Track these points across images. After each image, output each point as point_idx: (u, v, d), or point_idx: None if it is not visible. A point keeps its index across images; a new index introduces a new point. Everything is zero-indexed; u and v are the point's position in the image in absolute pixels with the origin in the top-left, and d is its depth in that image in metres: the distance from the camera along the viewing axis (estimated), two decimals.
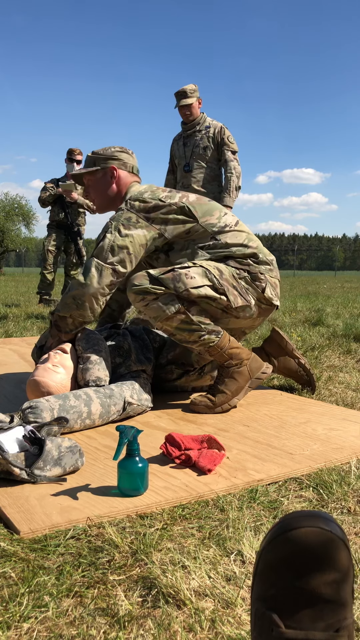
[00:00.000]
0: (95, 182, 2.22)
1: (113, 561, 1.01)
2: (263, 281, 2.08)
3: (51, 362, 1.95)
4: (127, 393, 1.89)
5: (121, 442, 1.30)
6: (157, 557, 1.03)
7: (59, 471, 1.38)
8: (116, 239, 2.01)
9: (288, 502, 1.27)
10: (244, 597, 0.91)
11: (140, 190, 2.11)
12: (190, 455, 1.47)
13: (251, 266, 2.08)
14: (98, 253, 2.01)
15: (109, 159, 2.20)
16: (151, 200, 2.06)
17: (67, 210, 5.91)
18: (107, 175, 2.20)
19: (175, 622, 0.84)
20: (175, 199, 2.08)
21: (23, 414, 1.62)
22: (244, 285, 2.05)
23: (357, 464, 1.50)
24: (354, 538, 1.12)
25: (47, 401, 1.68)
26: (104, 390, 1.85)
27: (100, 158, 2.21)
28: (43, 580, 0.95)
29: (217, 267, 2.02)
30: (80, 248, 6.03)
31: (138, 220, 2.04)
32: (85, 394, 1.79)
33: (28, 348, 3.31)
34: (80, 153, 5.95)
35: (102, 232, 2.06)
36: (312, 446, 1.63)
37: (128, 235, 2.01)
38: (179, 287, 1.94)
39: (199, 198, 2.13)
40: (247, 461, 1.51)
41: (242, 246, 2.09)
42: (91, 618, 0.86)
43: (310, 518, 0.57)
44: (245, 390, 2.07)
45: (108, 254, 2.00)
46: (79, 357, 2.00)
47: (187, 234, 2.07)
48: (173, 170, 4.60)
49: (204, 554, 1.04)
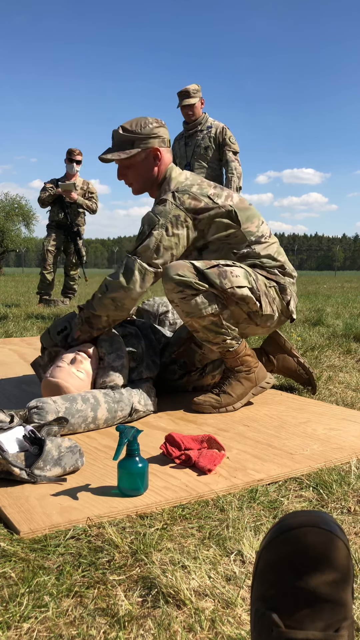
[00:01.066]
0: (135, 165, 2.04)
1: (113, 561, 1.01)
2: (288, 294, 2.06)
3: (76, 367, 1.91)
4: (136, 399, 1.88)
5: (121, 442, 1.30)
6: (157, 557, 1.03)
7: (59, 471, 1.38)
8: (163, 239, 1.93)
9: (288, 502, 1.27)
10: (244, 597, 0.91)
11: (186, 182, 2.01)
12: (190, 455, 1.47)
13: (279, 276, 2.05)
14: (143, 252, 1.92)
15: (149, 137, 2.01)
16: (201, 198, 1.97)
17: (66, 210, 5.91)
18: (149, 158, 2.03)
19: (175, 622, 0.84)
20: (222, 198, 2.00)
21: (28, 412, 1.62)
22: (273, 295, 2.02)
23: (357, 463, 1.50)
24: (354, 538, 1.12)
25: (54, 402, 1.67)
26: (114, 394, 1.83)
27: (140, 137, 2.01)
28: (43, 580, 0.95)
29: (254, 272, 1.99)
30: (80, 248, 6.03)
31: (186, 219, 1.95)
32: (94, 398, 1.77)
33: (28, 348, 3.31)
34: (80, 153, 5.95)
35: (147, 226, 1.95)
36: (312, 446, 1.63)
37: (175, 235, 1.94)
38: (226, 284, 1.89)
39: (241, 200, 2.06)
40: (247, 461, 1.51)
41: (272, 258, 2.06)
42: (91, 618, 0.86)
43: (310, 518, 0.57)
44: (249, 396, 2.08)
45: (153, 254, 1.92)
46: (101, 358, 1.97)
47: (226, 237, 2.02)
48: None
49: (204, 553, 1.04)
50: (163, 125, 2.06)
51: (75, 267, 6.23)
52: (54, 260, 5.98)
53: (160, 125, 2.05)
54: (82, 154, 5.96)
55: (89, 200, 6.03)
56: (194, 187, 1.99)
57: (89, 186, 6.08)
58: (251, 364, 2.06)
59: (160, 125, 2.05)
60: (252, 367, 2.06)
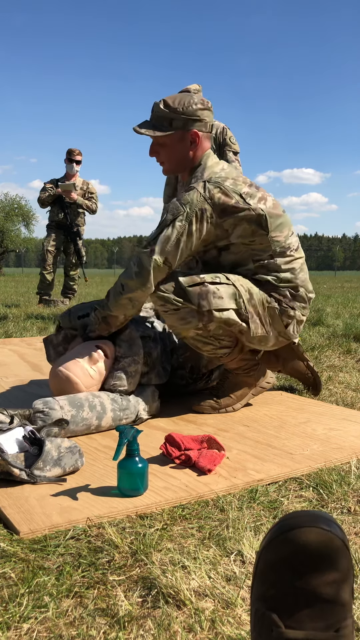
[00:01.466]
0: (170, 145, 1.92)
1: (113, 561, 1.01)
2: (291, 317, 1.95)
3: (91, 364, 1.86)
4: (142, 406, 1.85)
5: (121, 443, 1.30)
6: (157, 557, 1.02)
7: (58, 471, 1.38)
8: (185, 233, 1.81)
9: (288, 502, 1.27)
10: (244, 597, 0.91)
11: (221, 173, 1.88)
12: (190, 456, 1.47)
13: (286, 299, 1.93)
14: (162, 244, 1.81)
15: (190, 119, 1.89)
16: (233, 195, 1.84)
17: (66, 210, 5.91)
18: (186, 140, 1.91)
19: (175, 622, 0.84)
20: (255, 200, 1.87)
21: (33, 415, 1.61)
22: (269, 316, 1.92)
23: (357, 463, 1.50)
24: (354, 538, 1.12)
25: (61, 409, 1.63)
26: (121, 401, 1.80)
27: (180, 118, 1.88)
28: (43, 580, 0.95)
29: (250, 290, 1.89)
30: (79, 248, 6.03)
31: (212, 215, 1.83)
32: (101, 405, 1.73)
33: (28, 348, 3.31)
34: (80, 153, 5.94)
35: (171, 215, 1.83)
36: (312, 446, 1.63)
37: (197, 230, 1.82)
38: (203, 306, 1.81)
39: (275, 205, 1.93)
40: (247, 461, 1.51)
41: (291, 274, 1.94)
42: (91, 618, 0.86)
43: (310, 518, 0.57)
44: (248, 397, 2.07)
45: (173, 248, 1.81)
46: (116, 358, 1.92)
47: (250, 242, 1.90)
48: None
49: (204, 554, 1.04)
50: (208, 108, 1.93)
51: (75, 267, 6.23)
52: (53, 261, 5.98)
53: (205, 107, 1.91)
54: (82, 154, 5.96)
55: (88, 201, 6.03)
56: (227, 181, 1.86)
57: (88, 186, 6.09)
58: (250, 364, 2.03)
59: (205, 107, 1.91)
60: (251, 368, 2.04)
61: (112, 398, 1.79)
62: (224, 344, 1.92)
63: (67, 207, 5.92)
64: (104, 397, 1.78)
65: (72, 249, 6.10)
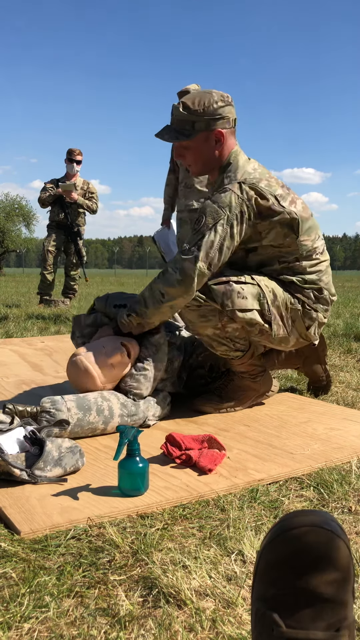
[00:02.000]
0: (195, 147, 1.88)
1: (114, 561, 1.01)
2: (313, 320, 1.94)
3: (114, 361, 1.82)
4: (151, 412, 1.83)
5: (121, 442, 1.30)
6: (157, 557, 1.02)
7: (59, 471, 1.38)
8: (226, 238, 1.78)
9: (289, 502, 1.27)
10: (245, 596, 0.91)
11: (254, 174, 1.85)
12: (191, 455, 1.47)
13: (309, 300, 1.92)
14: (206, 248, 1.76)
15: (212, 118, 1.84)
16: (269, 196, 1.82)
17: (66, 210, 5.91)
18: (211, 140, 1.87)
19: (176, 622, 0.84)
20: (287, 202, 1.86)
21: (40, 414, 1.60)
22: (291, 317, 1.91)
23: (357, 463, 1.50)
24: (354, 537, 1.12)
25: (69, 411, 1.62)
26: (130, 407, 1.77)
27: (202, 119, 1.84)
28: (44, 580, 0.95)
29: (274, 290, 1.88)
30: (80, 248, 6.03)
31: (250, 217, 1.81)
32: (109, 410, 1.71)
33: (29, 348, 3.31)
34: (80, 153, 5.94)
35: (211, 219, 1.79)
36: (312, 446, 1.63)
37: (238, 233, 1.81)
38: (227, 305, 1.81)
39: (304, 208, 1.92)
40: (247, 461, 1.51)
41: (316, 276, 1.93)
42: (92, 618, 0.86)
43: (310, 517, 0.57)
44: (250, 402, 2.06)
45: (216, 253, 1.78)
46: (139, 358, 1.89)
47: (279, 245, 1.89)
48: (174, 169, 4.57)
49: (205, 553, 1.04)
50: (229, 103, 1.87)
51: (76, 267, 6.23)
52: (54, 261, 5.98)
53: (226, 103, 1.86)
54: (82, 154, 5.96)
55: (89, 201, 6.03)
56: (262, 182, 1.83)
57: (89, 186, 6.08)
58: (257, 370, 2.02)
59: (226, 103, 1.86)
60: (258, 374, 2.03)
61: (122, 403, 1.76)
62: (238, 346, 1.93)
63: (68, 207, 5.92)
64: (113, 401, 1.74)
65: (73, 249, 6.10)
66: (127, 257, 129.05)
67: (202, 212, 1.81)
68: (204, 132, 1.85)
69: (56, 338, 3.69)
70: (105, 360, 1.82)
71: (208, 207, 1.80)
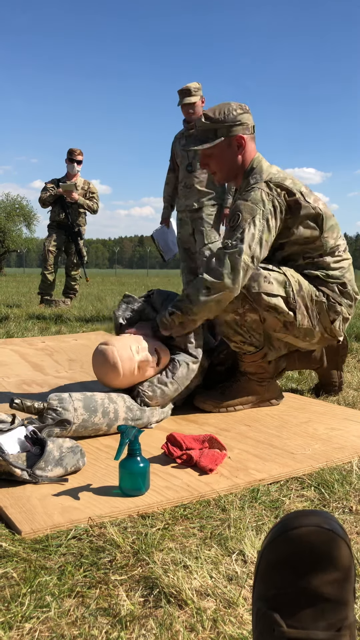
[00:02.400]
0: (218, 154, 1.98)
1: (115, 561, 1.01)
2: (337, 313, 1.97)
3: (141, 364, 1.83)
4: (155, 418, 1.83)
5: (122, 442, 1.30)
6: (158, 557, 1.03)
7: (60, 471, 1.38)
8: (264, 232, 1.84)
9: (290, 502, 1.27)
10: (246, 596, 0.91)
11: (279, 174, 1.92)
12: (192, 455, 1.47)
13: (334, 293, 1.96)
14: (249, 241, 1.81)
15: (233, 125, 1.95)
16: (296, 191, 1.90)
17: (67, 210, 5.91)
18: (232, 146, 1.96)
19: (177, 622, 0.84)
20: (312, 199, 1.93)
21: (46, 410, 1.59)
22: (316, 310, 1.94)
23: (358, 463, 1.50)
24: (355, 537, 1.12)
25: (75, 411, 1.61)
26: (136, 411, 1.76)
27: (223, 126, 1.94)
28: (45, 580, 0.95)
29: (299, 281, 1.92)
30: (80, 248, 6.03)
31: (281, 211, 1.88)
32: (114, 412, 1.70)
33: (29, 348, 3.31)
34: (81, 153, 5.94)
35: (248, 215, 1.84)
36: (313, 446, 1.63)
37: (274, 226, 1.87)
38: (252, 287, 1.85)
39: (324, 205, 1.97)
40: (248, 461, 1.51)
41: (339, 272, 1.97)
42: (93, 618, 0.86)
43: (311, 517, 0.57)
44: (251, 404, 2.06)
45: (257, 246, 1.83)
46: (167, 369, 1.89)
47: (304, 241, 1.94)
48: (174, 168, 4.57)
49: (206, 553, 1.04)
50: (247, 112, 1.98)
51: (76, 267, 6.23)
52: (54, 261, 5.98)
53: (244, 111, 1.97)
54: (82, 154, 5.96)
55: (89, 200, 6.03)
56: (287, 181, 1.91)
57: (89, 186, 6.08)
58: (265, 375, 2.02)
59: (244, 111, 1.97)
60: (265, 379, 2.03)
61: (127, 406, 1.75)
62: (252, 340, 1.94)
63: (68, 207, 5.92)
64: (120, 404, 1.73)
65: (74, 249, 6.10)
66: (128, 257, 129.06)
67: (236, 210, 1.87)
68: (226, 139, 1.95)
69: (57, 338, 3.69)
70: (135, 361, 1.82)
71: (241, 205, 1.86)
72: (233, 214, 1.88)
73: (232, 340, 1.97)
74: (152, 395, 1.83)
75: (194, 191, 4.30)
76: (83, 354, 3.04)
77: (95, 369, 1.86)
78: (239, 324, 1.91)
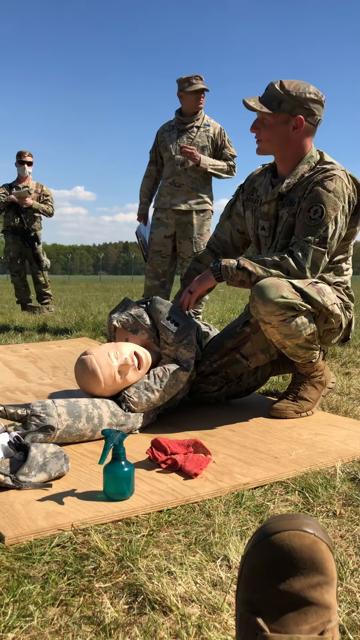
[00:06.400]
0: (273, 125, 1.91)
1: (99, 568, 1.01)
2: (350, 314, 2.02)
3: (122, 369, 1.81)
4: (139, 425, 1.82)
5: (107, 446, 1.30)
6: (143, 563, 1.02)
7: (44, 477, 1.37)
8: (342, 228, 1.86)
9: (274, 506, 1.27)
10: (231, 602, 0.91)
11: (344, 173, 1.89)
12: (177, 460, 1.47)
13: (344, 296, 2.00)
14: (329, 243, 1.84)
15: (299, 105, 1.87)
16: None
17: (22, 215, 5.76)
18: (289, 124, 1.89)
19: (161, 628, 0.84)
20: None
21: (29, 417, 1.58)
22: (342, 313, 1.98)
23: (342, 467, 1.51)
24: (339, 541, 1.12)
25: (59, 417, 1.60)
26: (120, 417, 1.75)
27: (290, 101, 1.87)
28: (28, 589, 0.94)
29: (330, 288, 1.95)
30: (38, 253, 5.83)
31: (350, 208, 1.89)
32: (98, 418, 1.69)
33: (13, 355, 3.28)
34: (30, 155, 5.79)
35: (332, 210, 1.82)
36: (297, 450, 1.63)
37: (346, 223, 1.88)
38: (327, 302, 1.84)
39: None
40: (233, 465, 1.51)
41: (346, 277, 2.03)
42: (77, 627, 0.85)
43: (293, 521, 0.57)
44: (321, 399, 2.08)
45: (334, 244, 1.86)
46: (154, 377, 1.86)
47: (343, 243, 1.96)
48: (156, 161, 4.07)
49: (190, 559, 1.04)
50: (321, 103, 1.91)
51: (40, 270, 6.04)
52: (20, 266, 5.85)
53: (318, 100, 1.90)
54: (32, 156, 5.82)
55: (44, 204, 5.87)
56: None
57: (42, 189, 5.92)
58: (322, 366, 2.05)
59: (318, 100, 1.90)
60: (323, 370, 2.06)
61: (112, 412, 1.74)
62: (319, 347, 1.96)
63: (23, 212, 5.76)
64: (104, 409, 1.72)
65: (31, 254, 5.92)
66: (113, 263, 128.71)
67: (318, 202, 1.83)
68: (287, 115, 1.88)
69: (41, 345, 3.66)
70: (114, 367, 1.81)
71: (324, 197, 1.83)
72: (314, 205, 1.84)
73: (302, 357, 1.93)
74: (137, 402, 1.82)
75: (182, 191, 3.86)
76: (67, 361, 3.03)
77: (78, 380, 1.86)
78: (312, 341, 1.89)
